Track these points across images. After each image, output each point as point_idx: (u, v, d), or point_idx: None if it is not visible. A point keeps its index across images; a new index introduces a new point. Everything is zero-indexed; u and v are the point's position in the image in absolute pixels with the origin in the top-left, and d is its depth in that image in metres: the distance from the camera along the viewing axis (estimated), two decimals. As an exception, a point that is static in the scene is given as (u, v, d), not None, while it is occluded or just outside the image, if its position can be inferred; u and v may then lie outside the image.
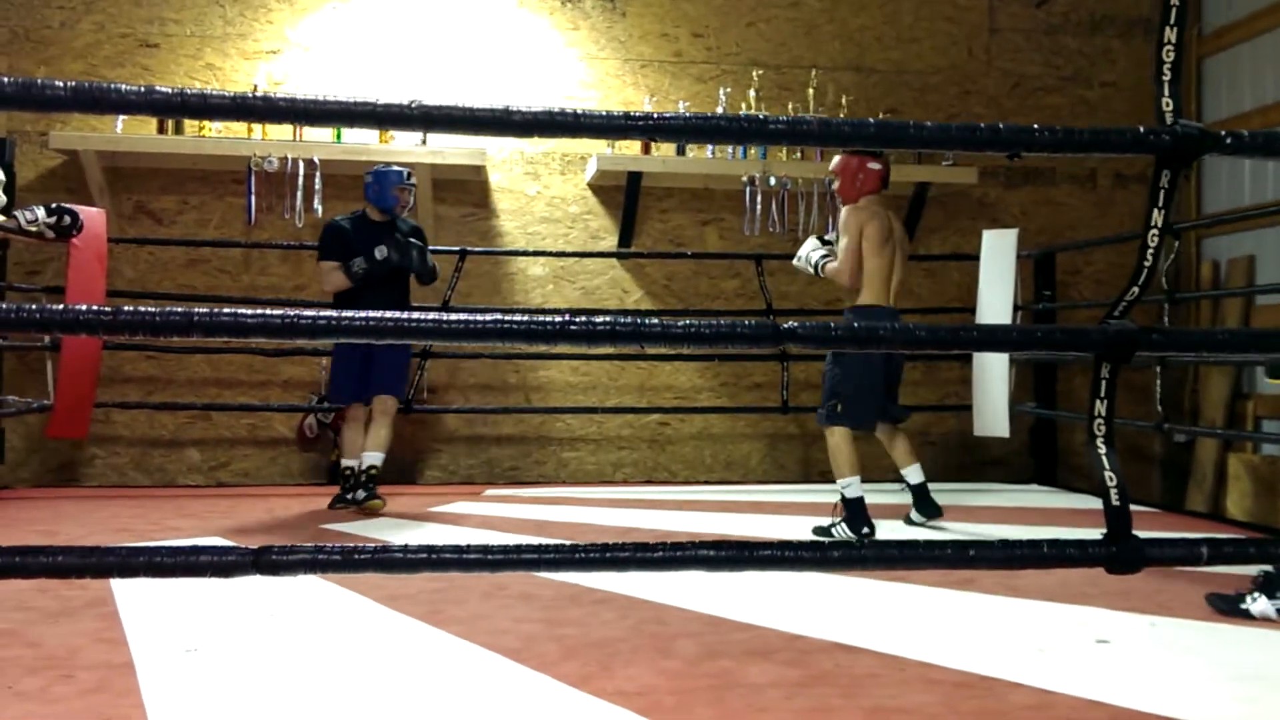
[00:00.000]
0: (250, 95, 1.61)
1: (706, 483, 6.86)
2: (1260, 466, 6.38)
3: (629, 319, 1.71)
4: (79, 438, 6.21)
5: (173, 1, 6.67)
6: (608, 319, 1.67)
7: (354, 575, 3.04)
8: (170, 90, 1.58)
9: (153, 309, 1.61)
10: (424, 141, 6.52)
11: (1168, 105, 1.86)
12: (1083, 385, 7.25)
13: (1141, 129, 1.89)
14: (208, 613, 3.21)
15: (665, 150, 6.85)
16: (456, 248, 6.56)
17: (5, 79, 1.52)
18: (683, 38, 7.15)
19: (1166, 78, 1.85)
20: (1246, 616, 3.28)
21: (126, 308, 1.59)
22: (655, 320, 1.73)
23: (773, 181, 6.74)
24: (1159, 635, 3.11)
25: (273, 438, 6.67)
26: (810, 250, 5.04)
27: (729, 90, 7.01)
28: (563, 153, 7.01)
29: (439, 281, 6.51)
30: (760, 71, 7.05)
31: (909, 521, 5.05)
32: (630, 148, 6.82)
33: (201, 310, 1.62)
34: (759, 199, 6.80)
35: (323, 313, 1.65)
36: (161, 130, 6.40)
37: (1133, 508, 2.02)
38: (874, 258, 4.77)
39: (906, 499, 5.09)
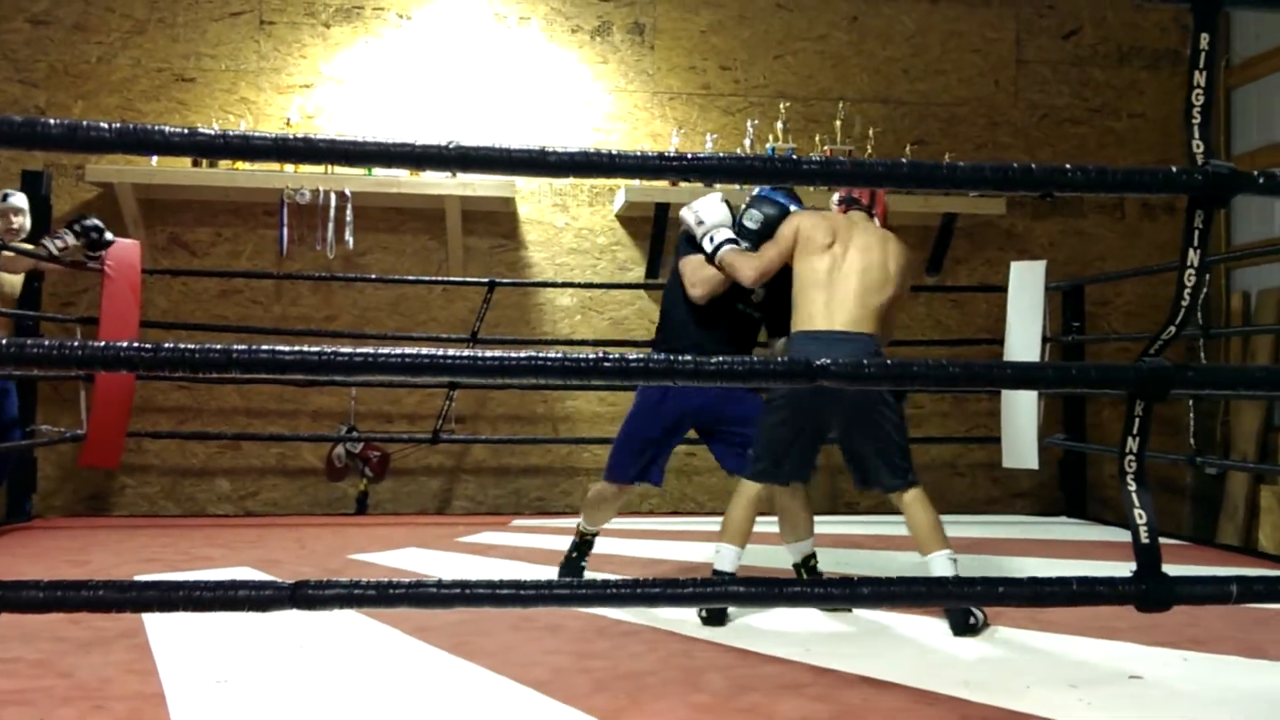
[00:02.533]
0: (291, 136, 1.64)
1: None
2: (1293, 500, 6.32)
3: (662, 356, 1.72)
4: (111, 467, 6.26)
5: (209, 36, 6.77)
6: (640, 356, 1.69)
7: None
8: (213, 132, 1.61)
9: (192, 346, 1.63)
10: (454, 174, 6.57)
11: (1198, 147, 1.87)
12: (1112, 417, 7.21)
13: (1174, 169, 1.90)
14: (238, 644, 3.22)
15: (693, 182, 6.87)
16: (485, 279, 6.60)
17: (52, 121, 1.56)
18: (710, 70, 7.19)
19: (1196, 120, 1.85)
20: None
21: (166, 345, 1.62)
22: (688, 357, 1.74)
23: (800, 213, 6.73)
24: (1192, 670, 3.08)
25: (301, 468, 6.71)
26: (716, 221, 3.97)
27: (756, 122, 7.04)
28: (591, 185, 7.05)
29: (468, 313, 6.57)
30: (787, 104, 7.08)
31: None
32: (658, 180, 6.85)
33: (240, 347, 1.64)
34: (786, 230, 6.80)
35: (359, 350, 1.67)
36: (196, 163, 6.47)
37: (1163, 540, 2.01)
38: (803, 264, 3.78)
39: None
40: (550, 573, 4.52)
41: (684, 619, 3.60)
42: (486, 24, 6.99)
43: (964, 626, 3.44)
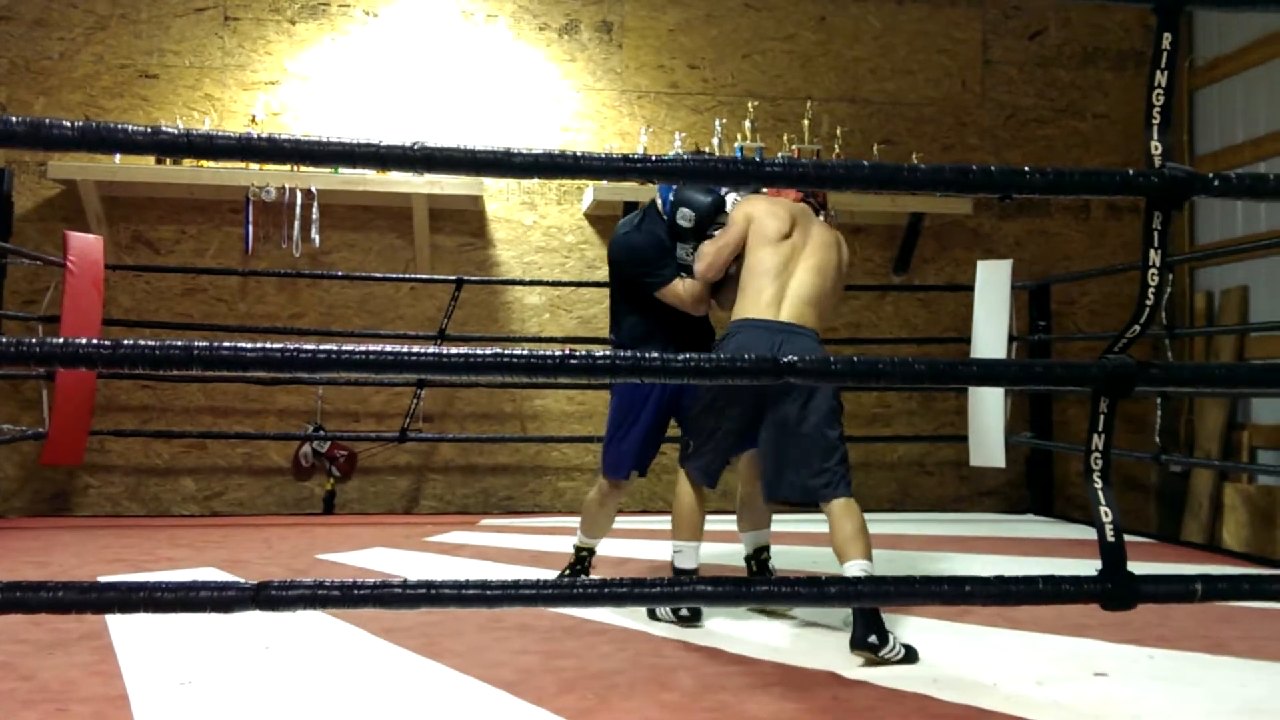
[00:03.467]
0: (255, 136, 1.62)
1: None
2: (1256, 497, 6.38)
3: (629, 354, 1.71)
4: (74, 464, 6.19)
5: (172, 32, 6.70)
6: (607, 354, 1.68)
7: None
8: (177, 131, 1.59)
9: (153, 342, 1.61)
10: (421, 172, 6.53)
11: (1156, 149, 1.88)
12: (1079, 415, 7.27)
13: (1131, 171, 1.91)
14: (203, 645, 3.19)
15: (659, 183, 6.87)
16: (453, 277, 6.57)
17: (14, 119, 1.53)
18: (679, 69, 7.19)
19: (1156, 121, 1.86)
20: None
21: (126, 341, 1.60)
22: (655, 355, 1.73)
23: (769, 212, 6.74)
24: (1158, 668, 3.11)
25: (268, 467, 6.66)
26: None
27: (724, 121, 7.05)
28: (559, 183, 7.02)
29: (436, 311, 6.54)
30: (756, 103, 7.09)
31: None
32: (627, 178, 6.84)
33: (201, 344, 1.62)
34: (755, 229, 6.81)
35: (323, 346, 1.65)
36: (160, 160, 6.41)
37: (1128, 538, 2.02)
38: (755, 253, 3.68)
39: (898, 529, 5.03)
40: (519, 572, 4.51)
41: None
42: (453, 21, 6.96)
43: (863, 643, 3.09)
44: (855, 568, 3.28)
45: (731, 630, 3.51)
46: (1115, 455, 5.81)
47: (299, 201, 6.40)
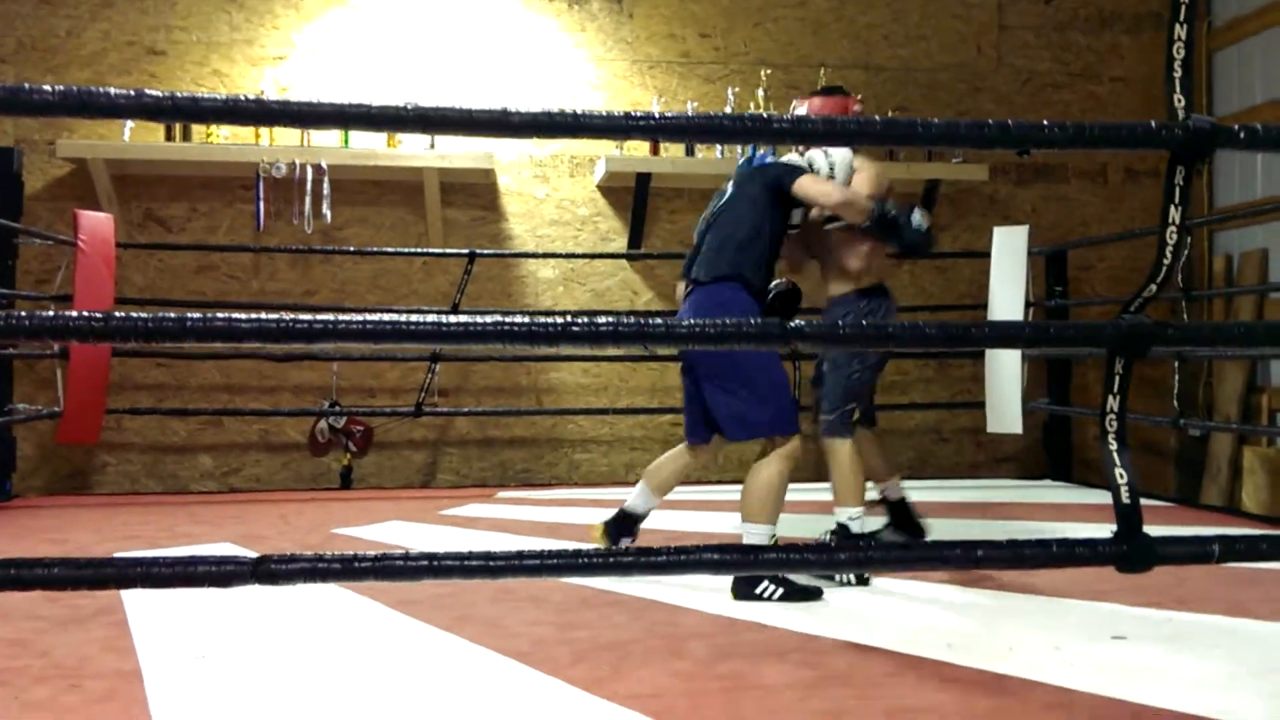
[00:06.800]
0: (243, 98, 1.59)
1: (720, 482, 6.82)
2: (1275, 459, 6.33)
3: (632, 319, 1.69)
4: (90, 442, 6.21)
5: (179, 8, 6.67)
6: (610, 319, 1.65)
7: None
8: (160, 94, 1.56)
9: (145, 315, 1.59)
10: (432, 145, 6.51)
11: (1179, 102, 1.84)
12: (1096, 381, 7.21)
13: (1153, 124, 1.86)
14: (217, 619, 3.19)
15: (674, 151, 6.83)
16: (465, 250, 6.55)
17: (-10, 84, 1.51)
18: (690, 38, 7.12)
19: (1177, 74, 1.82)
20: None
21: (118, 314, 1.58)
22: (659, 320, 1.71)
23: (782, 180, 6.69)
24: (1177, 630, 3.08)
25: (284, 443, 6.67)
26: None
27: (737, 90, 6.99)
28: (571, 155, 6.98)
29: (449, 286, 6.52)
30: (768, 71, 7.02)
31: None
32: (639, 149, 6.81)
33: (195, 315, 1.60)
34: (768, 198, 6.76)
35: (319, 317, 1.63)
36: (169, 137, 6.41)
37: (1148, 502, 2.00)
38: None
39: (915, 496, 4.95)
40: (532, 543, 4.51)
41: (669, 585, 3.58)
42: (463, -8, 6.91)
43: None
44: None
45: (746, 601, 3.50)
46: (1133, 420, 5.73)
47: (309, 177, 6.38)
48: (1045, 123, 1.87)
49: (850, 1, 7.25)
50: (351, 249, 6.58)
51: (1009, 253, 6.29)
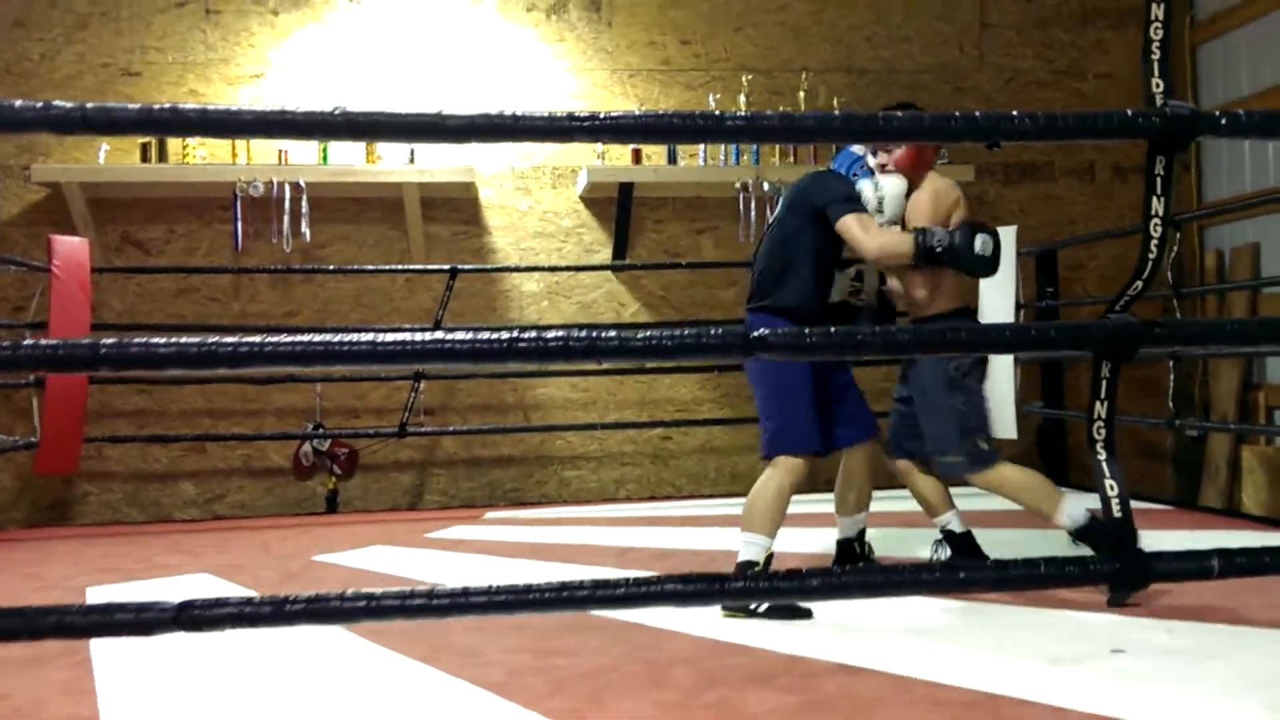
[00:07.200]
0: (156, 107, 1.50)
1: (711, 496, 6.74)
2: (1274, 458, 6.23)
3: (583, 332, 1.59)
4: (68, 472, 6.11)
5: (154, 29, 6.59)
6: (560, 334, 1.56)
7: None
8: (70, 105, 1.47)
9: (54, 342, 1.50)
10: (412, 160, 6.43)
11: (1158, 86, 1.74)
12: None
13: (1130, 111, 1.77)
14: (181, 654, 3.08)
15: (657, 159, 6.75)
16: (447, 266, 6.45)
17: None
18: (670, 45, 7.04)
19: (1155, 56, 1.73)
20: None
21: (26, 342, 1.49)
22: (612, 333, 1.61)
23: (766, 187, 6.61)
24: (1177, 642, 2.97)
25: (268, 468, 6.56)
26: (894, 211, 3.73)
27: (719, 96, 6.91)
28: (553, 166, 6.90)
29: (432, 303, 6.43)
30: (750, 76, 6.93)
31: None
32: (621, 158, 6.73)
33: (109, 341, 1.51)
34: (753, 205, 6.68)
35: (244, 339, 1.54)
36: (145, 159, 6.32)
37: (1145, 505, 1.91)
38: None
39: (909, 504, 4.80)
40: (520, 566, 4.40)
41: (652, 610, 3.47)
42: (439, 4, 6.82)
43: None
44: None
45: (734, 620, 3.39)
46: (1129, 422, 5.62)
47: (288, 195, 6.29)
48: (1015, 113, 1.78)
49: (831, 4, 7.17)
50: (331, 268, 6.49)
51: (998, 254, 6.19)
